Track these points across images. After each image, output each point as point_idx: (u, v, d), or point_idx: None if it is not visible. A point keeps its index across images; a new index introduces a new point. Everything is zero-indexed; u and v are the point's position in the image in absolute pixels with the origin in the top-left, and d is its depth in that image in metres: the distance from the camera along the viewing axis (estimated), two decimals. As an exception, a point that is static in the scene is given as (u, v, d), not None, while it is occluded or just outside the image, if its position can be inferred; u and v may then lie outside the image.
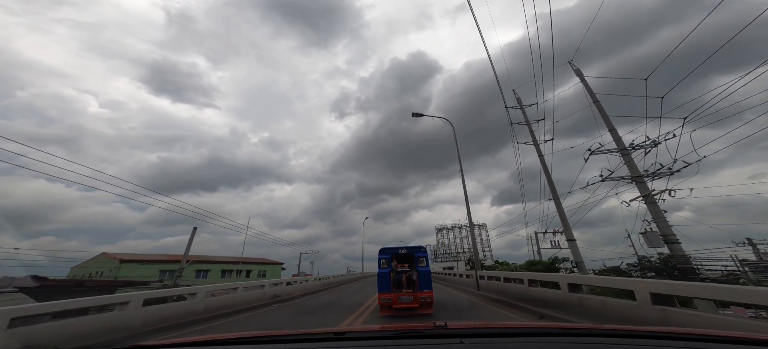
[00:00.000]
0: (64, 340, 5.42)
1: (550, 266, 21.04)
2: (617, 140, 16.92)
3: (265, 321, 8.72)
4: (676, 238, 13.13)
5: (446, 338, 1.40)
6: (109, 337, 6.11)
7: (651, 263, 17.03)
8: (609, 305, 6.20)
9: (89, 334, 5.84)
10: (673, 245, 12.97)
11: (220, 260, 35.61)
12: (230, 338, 1.51)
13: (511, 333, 1.48)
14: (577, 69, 21.22)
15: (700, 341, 1.21)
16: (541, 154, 21.25)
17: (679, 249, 12.97)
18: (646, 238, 13.84)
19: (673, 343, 1.22)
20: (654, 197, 14.28)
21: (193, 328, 7.81)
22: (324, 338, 1.52)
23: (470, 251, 73.25)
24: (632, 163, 15.68)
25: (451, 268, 64.33)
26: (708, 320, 4.38)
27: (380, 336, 1.53)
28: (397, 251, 9.72)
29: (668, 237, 13.17)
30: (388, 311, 8.45)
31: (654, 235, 13.62)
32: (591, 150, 17.95)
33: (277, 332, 1.67)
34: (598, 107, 19.06)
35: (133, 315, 6.78)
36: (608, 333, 1.37)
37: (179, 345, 1.48)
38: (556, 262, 21.33)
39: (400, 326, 1.60)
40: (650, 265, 16.91)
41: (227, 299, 10.29)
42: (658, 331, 1.35)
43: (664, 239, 13.25)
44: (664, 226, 13.42)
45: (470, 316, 8.67)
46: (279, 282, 14.18)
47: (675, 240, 13.06)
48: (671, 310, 4.93)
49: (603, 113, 18.49)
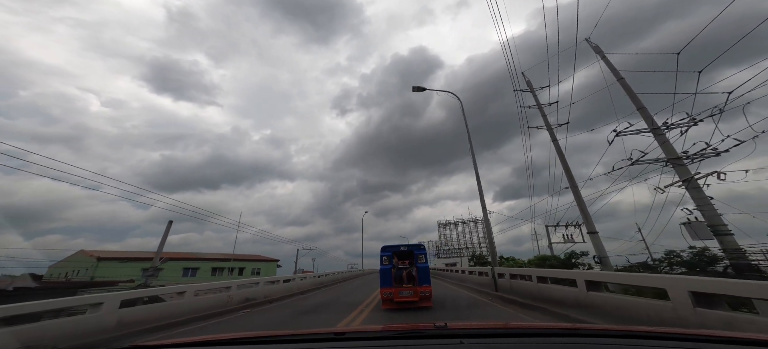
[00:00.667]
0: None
1: (567, 262, 18.98)
2: (648, 119, 14.77)
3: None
4: (727, 228, 11.03)
5: (446, 338, 1.41)
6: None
7: (681, 258, 15.05)
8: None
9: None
10: (725, 238, 10.86)
11: (210, 257, 33.72)
12: (230, 338, 1.51)
13: (511, 333, 1.51)
14: (595, 46, 19.02)
15: (701, 341, 1.22)
16: (555, 138, 19.12)
17: (731, 242, 10.86)
18: (690, 229, 11.73)
19: (673, 343, 1.22)
20: (697, 182, 12.15)
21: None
22: (324, 338, 1.54)
23: (474, 246, 71.28)
24: (668, 144, 13.55)
25: (453, 264, 62.43)
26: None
27: (380, 336, 1.54)
28: (398, 248, 10.15)
29: (718, 228, 11.07)
30: (390, 305, 8.99)
31: (700, 225, 11.51)
32: (616, 131, 15.80)
33: (277, 332, 1.69)
34: (623, 84, 16.92)
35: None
36: (609, 334, 1.39)
37: (179, 345, 1.50)
38: (574, 257, 19.25)
39: (400, 326, 1.64)
40: (681, 260, 14.93)
41: (162, 309, 8.01)
42: (658, 331, 1.36)
43: (712, 230, 11.15)
44: (713, 215, 11.31)
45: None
46: (255, 282, 12.09)
47: (726, 231, 10.96)
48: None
49: (629, 91, 16.34)
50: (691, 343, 1.19)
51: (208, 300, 9.43)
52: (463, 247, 72.31)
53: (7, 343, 4.76)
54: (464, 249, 71.04)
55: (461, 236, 75.55)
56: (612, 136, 16.15)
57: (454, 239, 76.13)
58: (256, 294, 11.45)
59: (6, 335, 4.76)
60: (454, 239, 75.95)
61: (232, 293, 10.36)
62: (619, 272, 11.01)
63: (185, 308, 8.59)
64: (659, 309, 4.97)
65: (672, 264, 15.03)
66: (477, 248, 70.56)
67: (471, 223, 76.92)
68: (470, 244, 72.38)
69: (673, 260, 15.17)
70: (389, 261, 9.72)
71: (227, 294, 10.25)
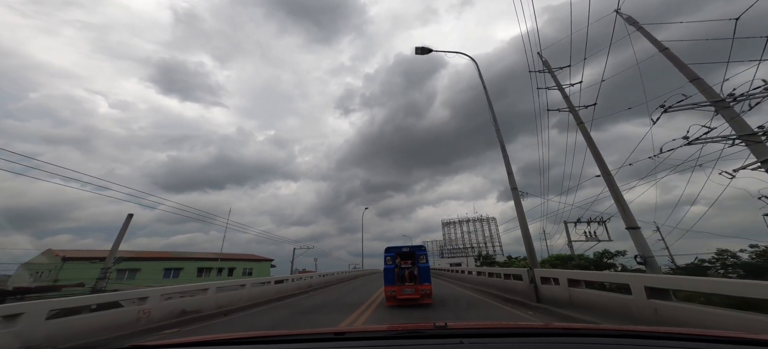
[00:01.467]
0: None
1: (598, 263, 16.24)
2: (706, 90, 12.02)
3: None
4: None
5: (446, 338, 1.41)
6: None
7: (738, 259, 12.52)
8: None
9: None
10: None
11: (196, 256, 31.25)
12: (230, 338, 1.50)
13: (511, 333, 1.50)
14: (628, 17, 16.22)
15: (700, 341, 1.21)
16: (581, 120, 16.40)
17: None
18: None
19: (672, 343, 1.21)
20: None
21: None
22: (324, 338, 1.53)
23: (480, 245, 68.34)
24: (740, 120, 10.79)
25: (458, 264, 59.64)
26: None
27: (380, 336, 1.55)
28: (401, 249, 10.54)
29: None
30: (394, 301, 9.59)
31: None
32: (664, 106, 13.06)
33: (277, 332, 1.69)
34: (668, 55, 14.14)
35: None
36: (608, 333, 1.38)
37: (179, 345, 1.50)
38: (606, 257, 16.52)
39: (400, 326, 1.63)
40: (736, 261, 12.40)
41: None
42: (658, 331, 1.35)
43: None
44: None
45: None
46: (202, 288, 9.43)
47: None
48: None
49: (677, 61, 13.56)
50: (691, 343, 1.20)
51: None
52: (467, 246, 69.69)
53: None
54: (469, 249, 68.37)
55: (466, 235, 73.05)
56: (657, 113, 13.41)
57: (458, 238, 73.67)
58: (200, 305, 8.86)
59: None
60: (459, 239, 73.50)
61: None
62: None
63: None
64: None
65: (726, 266, 12.58)
66: (483, 247, 67.91)
67: (476, 222, 74.28)
68: (476, 243, 69.85)
69: (727, 261, 12.71)
70: (392, 261, 10.25)
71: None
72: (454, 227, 75.97)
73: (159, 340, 1.91)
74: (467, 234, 73.09)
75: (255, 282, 11.86)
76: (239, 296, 10.61)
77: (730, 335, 1.22)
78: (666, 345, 1.20)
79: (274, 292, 12.83)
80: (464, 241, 72.48)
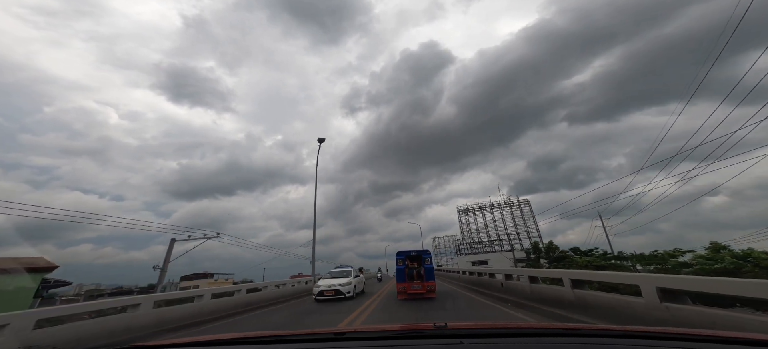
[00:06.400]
0: None
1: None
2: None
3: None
4: None
5: (446, 338, 1.41)
6: None
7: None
8: None
9: None
10: None
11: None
12: (230, 339, 1.52)
13: (512, 333, 1.50)
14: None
15: (700, 341, 1.21)
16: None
17: None
18: None
19: (673, 343, 1.21)
20: None
21: None
22: (324, 338, 1.54)
23: (510, 235, 58.72)
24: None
25: (483, 262, 49.89)
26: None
27: (380, 336, 1.54)
28: (410, 253, 12.93)
29: None
30: (404, 295, 11.78)
31: None
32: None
33: (277, 332, 1.69)
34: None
35: None
36: (608, 333, 1.37)
37: (179, 345, 1.50)
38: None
39: (400, 326, 1.64)
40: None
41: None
42: (658, 331, 1.35)
43: None
44: None
45: None
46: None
47: None
48: None
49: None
50: (691, 343, 1.20)
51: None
52: (493, 239, 60.53)
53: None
54: (498, 241, 59.05)
55: (491, 223, 64.22)
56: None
57: (479, 229, 64.95)
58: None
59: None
60: (481, 229, 64.68)
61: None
62: None
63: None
64: None
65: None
66: (516, 238, 58.19)
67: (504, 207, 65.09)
68: (502, 233, 60.41)
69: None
70: (403, 262, 12.46)
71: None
72: (475, 213, 67.31)
73: (159, 340, 2.00)
74: (492, 222, 64.26)
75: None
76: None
77: (731, 335, 1.22)
78: (666, 345, 1.21)
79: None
80: (488, 232, 63.23)
